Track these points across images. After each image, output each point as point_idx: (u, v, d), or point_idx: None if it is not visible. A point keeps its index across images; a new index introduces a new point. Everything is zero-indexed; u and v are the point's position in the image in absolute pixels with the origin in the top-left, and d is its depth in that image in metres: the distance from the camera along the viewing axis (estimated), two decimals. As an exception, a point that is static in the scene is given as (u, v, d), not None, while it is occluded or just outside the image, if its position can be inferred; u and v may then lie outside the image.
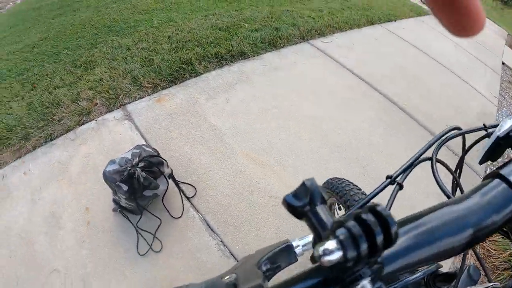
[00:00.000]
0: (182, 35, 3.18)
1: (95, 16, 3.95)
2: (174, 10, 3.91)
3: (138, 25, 3.51)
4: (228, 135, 2.17)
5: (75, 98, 2.45)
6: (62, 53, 3.16)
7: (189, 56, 2.78)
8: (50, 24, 4.15)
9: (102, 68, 2.74)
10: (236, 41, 3.08)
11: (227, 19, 3.59)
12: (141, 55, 2.86)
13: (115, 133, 2.14)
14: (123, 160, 1.58)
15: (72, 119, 2.30)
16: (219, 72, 2.73)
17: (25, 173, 1.98)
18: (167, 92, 2.48)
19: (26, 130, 2.24)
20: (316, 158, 2.12)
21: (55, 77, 2.77)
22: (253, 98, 2.50)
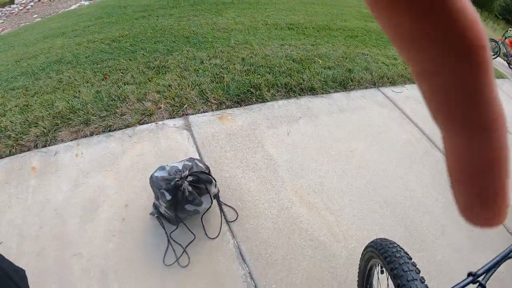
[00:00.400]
0: (255, 59, 3.45)
1: (176, 25, 4.43)
2: (252, 34, 4.26)
3: (215, 41, 3.88)
4: (282, 167, 2.29)
5: (141, 98, 2.75)
6: (138, 53, 3.57)
7: (259, 81, 3.01)
8: (133, 23, 4.71)
9: (173, 75, 3.05)
10: (307, 75, 3.26)
11: (302, 52, 3.83)
12: (213, 70, 3.15)
13: (172, 140, 2.35)
14: (173, 169, 1.74)
15: (134, 116, 2.58)
16: (285, 103, 2.91)
17: (76, 155, 2.27)
18: (231, 112, 2.69)
19: (88, 116, 2.59)
20: (364, 209, 2.14)
21: (127, 74, 3.13)
22: (314, 135, 2.62)
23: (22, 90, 3.06)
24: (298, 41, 4.22)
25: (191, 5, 5.68)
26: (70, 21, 5.57)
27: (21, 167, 2.19)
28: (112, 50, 3.75)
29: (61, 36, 4.65)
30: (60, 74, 3.27)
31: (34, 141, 2.39)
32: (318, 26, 5.06)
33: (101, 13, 5.62)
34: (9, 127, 2.49)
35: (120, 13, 5.45)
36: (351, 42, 4.67)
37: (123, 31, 4.36)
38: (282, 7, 6.02)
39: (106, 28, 4.67)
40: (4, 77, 3.47)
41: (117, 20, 5.04)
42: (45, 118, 2.56)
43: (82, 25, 5.06)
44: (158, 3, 5.96)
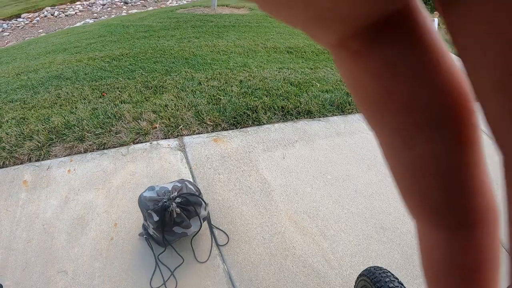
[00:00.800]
0: (253, 81, 3.49)
1: (176, 47, 4.52)
2: (251, 57, 4.33)
3: (214, 63, 3.94)
4: (277, 191, 2.28)
5: (137, 117, 2.77)
6: (137, 72, 3.62)
7: (256, 104, 3.03)
8: (134, 43, 4.80)
9: (170, 95, 3.08)
10: (305, 99, 3.30)
11: (300, 75, 3.88)
12: (210, 92, 3.19)
13: (165, 161, 2.35)
14: (162, 190, 1.75)
15: (128, 135, 2.59)
16: (282, 126, 2.93)
17: (69, 171, 2.30)
18: (226, 134, 2.70)
19: (83, 133, 2.62)
20: (360, 235, 2.12)
21: (124, 92, 3.16)
22: (310, 159, 2.62)
23: (20, 103, 3.10)
24: (296, 65, 4.28)
25: (192, 27, 5.80)
26: (73, 38, 5.67)
27: (12, 179, 2.22)
28: (111, 68, 3.80)
29: (62, 52, 4.72)
30: (58, 89, 3.32)
31: (28, 154, 2.41)
32: (317, 50, 5.14)
33: (104, 32, 5.73)
34: (4, 139, 2.53)
35: (122, 32, 5.55)
36: None
37: (124, 50, 4.43)
38: (282, 30, 6.14)
39: (107, 46, 4.75)
40: (4, 89, 3.52)
41: (119, 39, 5.13)
42: (40, 132, 2.59)
43: (84, 42, 5.14)
44: (160, 24, 6.09)
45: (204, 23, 6.16)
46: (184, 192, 1.75)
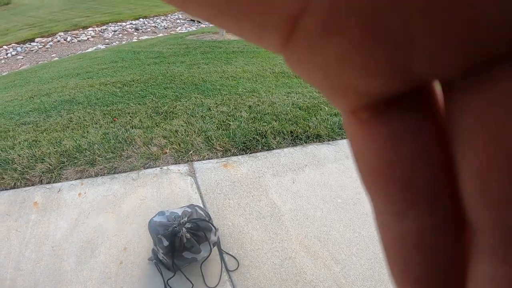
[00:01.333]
0: (262, 107, 3.55)
1: (186, 72, 4.64)
2: (260, 82, 4.41)
3: (223, 89, 4.03)
4: (287, 216, 2.28)
5: (148, 142, 2.82)
6: (148, 98, 3.71)
7: (265, 129, 3.08)
8: (145, 69, 4.93)
9: (180, 121, 3.15)
10: (314, 123, 3.34)
11: (308, 100, 3.94)
12: (220, 117, 3.25)
13: (175, 186, 2.38)
14: (172, 215, 1.77)
15: (139, 160, 2.64)
16: (291, 151, 2.96)
17: (79, 194, 2.34)
18: (236, 160, 2.74)
19: (94, 157, 2.68)
20: (371, 258, 2.10)
21: (135, 118, 3.23)
22: (321, 183, 2.63)
23: (33, 126, 3.20)
24: (304, 89, 4.35)
25: (201, 53, 5.96)
26: (85, 63, 5.84)
27: (23, 200, 2.26)
28: (122, 93, 3.90)
29: (75, 77, 4.87)
30: (70, 114, 3.41)
31: (39, 176, 2.47)
32: (325, 74, 5.22)
33: (115, 57, 5.90)
34: (17, 160, 2.60)
35: (133, 58, 5.71)
36: None
37: (135, 76, 4.56)
38: (290, 56, 6.25)
39: (118, 72, 4.88)
40: (17, 111, 3.64)
41: (130, 65, 5.28)
42: (52, 155, 2.66)
43: (96, 67, 5.30)
44: (170, 50, 6.27)
45: (213, 49, 6.33)
46: (194, 217, 1.77)
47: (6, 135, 3.06)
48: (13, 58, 9.73)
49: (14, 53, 9.99)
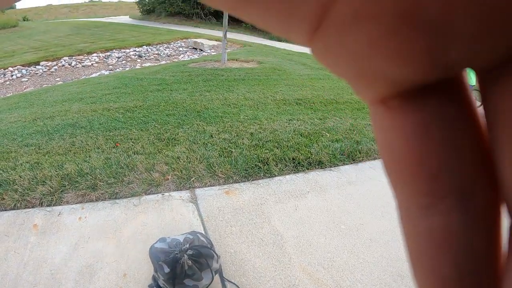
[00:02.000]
0: (264, 134, 3.59)
1: (188, 100, 4.71)
2: (261, 110, 4.47)
3: (225, 116, 4.08)
4: (290, 243, 2.26)
5: (150, 168, 2.83)
6: (150, 124, 3.75)
7: (267, 156, 3.10)
8: (147, 95, 5.01)
9: (183, 148, 3.17)
10: (315, 149, 3.37)
11: (309, 126, 3.98)
12: (222, 145, 3.28)
13: (177, 213, 2.37)
14: (173, 242, 1.76)
15: (141, 186, 2.64)
16: (293, 177, 2.97)
17: (80, 218, 2.33)
18: (238, 187, 2.74)
19: (95, 181, 2.69)
20: (377, 284, 2.06)
21: (138, 143, 3.25)
22: (323, 210, 2.63)
23: (35, 148, 3.23)
24: (306, 116, 4.40)
25: (204, 81, 6.07)
26: (89, 88, 5.93)
27: (23, 222, 2.26)
28: (125, 119, 3.94)
29: (78, 101, 4.93)
30: (73, 138, 3.44)
31: (39, 198, 2.48)
32: (326, 100, 5.32)
33: (119, 83, 5.99)
34: (18, 181, 2.62)
35: (136, 85, 5.81)
36: (358, 114, 4.87)
37: (138, 102, 4.62)
38: (291, 83, 6.38)
39: (121, 98, 4.95)
40: (20, 132, 3.68)
41: (133, 91, 5.36)
42: (53, 178, 2.68)
43: (100, 93, 5.38)
44: (173, 77, 6.39)
45: (215, 77, 6.46)
46: (196, 244, 1.75)
47: (8, 156, 3.08)
48: (18, 80, 9.85)
49: (19, 75, 10.13)
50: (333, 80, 7.19)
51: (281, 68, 7.96)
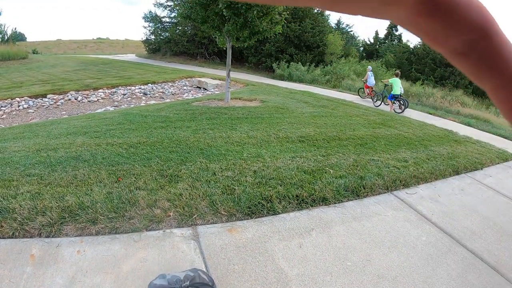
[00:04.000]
0: (267, 171, 3.61)
1: (192, 137, 4.80)
2: (264, 147, 4.53)
3: (228, 154, 4.15)
4: (294, 282, 2.22)
5: (151, 204, 2.84)
6: (153, 160, 3.78)
7: (270, 194, 3.10)
8: (151, 132, 5.08)
9: (185, 185, 3.19)
10: (319, 186, 3.38)
11: (313, 163, 4.02)
12: (225, 182, 3.31)
13: (178, 250, 2.34)
14: (174, 279, 1.73)
15: (142, 221, 2.62)
16: (297, 215, 2.97)
17: (78, 252, 2.30)
18: (241, 224, 2.74)
19: (96, 215, 2.68)
20: None
21: (140, 179, 3.26)
22: (328, 247, 2.60)
23: (37, 178, 3.25)
24: (309, 153, 4.45)
25: (207, 119, 6.18)
26: (94, 123, 6.02)
27: (20, 251, 2.23)
28: (128, 155, 3.98)
29: (83, 135, 5.00)
30: (76, 170, 3.47)
31: (38, 229, 2.47)
32: (328, 137, 5.39)
33: (123, 120, 6.10)
34: (17, 210, 2.61)
35: (141, 122, 5.91)
36: (361, 150, 4.92)
37: (141, 138, 4.68)
38: (294, 120, 6.49)
39: (125, 133, 5.02)
40: (23, 162, 3.72)
41: (137, 127, 5.44)
42: (53, 209, 2.67)
43: (104, 128, 5.46)
44: (176, 115, 6.51)
45: (218, 115, 6.59)
46: (197, 281, 1.72)
47: (9, 184, 3.10)
48: (24, 111, 10.03)
49: (26, 106, 10.33)
50: (336, 117, 7.32)
51: (284, 106, 8.12)
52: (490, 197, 4.04)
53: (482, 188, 4.27)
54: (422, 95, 15.39)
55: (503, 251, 2.87)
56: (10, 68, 18.54)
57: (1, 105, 10.34)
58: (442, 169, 4.53)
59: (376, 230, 2.89)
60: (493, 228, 3.24)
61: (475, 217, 3.43)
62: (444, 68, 21.13)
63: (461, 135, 7.22)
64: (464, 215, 3.42)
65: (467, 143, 6.47)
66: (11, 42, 25.73)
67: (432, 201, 3.59)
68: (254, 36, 7.60)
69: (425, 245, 2.80)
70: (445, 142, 6.25)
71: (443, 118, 10.14)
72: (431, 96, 15.12)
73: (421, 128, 7.33)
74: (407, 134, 6.47)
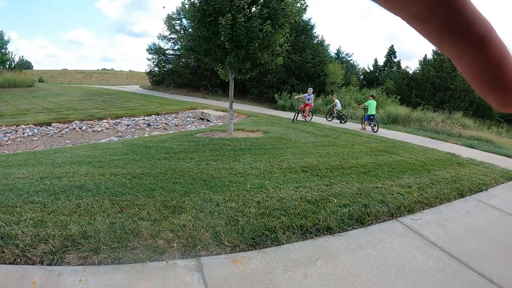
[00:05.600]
0: (271, 202, 3.62)
1: (195, 168, 4.87)
2: (268, 178, 4.56)
3: (231, 185, 4.19)
4: (300, 314, 2.17)
5: (155, 235, 2.84)
6: (157, 191, 3.82)
7: (274, 224, 3.11)
8: (155, 163, 5.14)
9: (189, 216, 3.21)
10: (323, 215, 3.39)
11: (316, 193, 4.04)
12: (228, 213, 3.33)
13: (181, 281, 2.35)
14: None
15: (145, 252, 2.62)
16: (301, 245, 2.96)
17: (80, 281, 2.29)
18: (245, 255, 2.73)
19: (99, 244, 2.68)
20: None
21: (143, 210, 3.28)
22: (334, 277, 2.58)
23: (40, 206, 3.28)
24: (312, 183, 4.47)
25: (210, 150, 6.26)
26: (98, 153, 6.09)
27: (21, 278, 2.23)
28: (132, 185, 4.01)
29: (87, 164, 5.05)
30: (79, 199, 3.50)
31: (40, 256, 2.46)
32: (331, 166, 5.42)
33: (127, 150, 6.17)
34: (20, 236, 2.63)
35: (144, 152, 5.98)
36: (364, 177, 4.94)
37: (145, 169, 4.73)
38: (296, 151, 6.54)
39: (129, 164, 5.07)
40: (27, 189, 3.76)
41: (141, 158, 5.50)
42: (56, 237, 2.68)
43: (108, 158, 5.52)
44: (180, 147, 6.60)
45: (221, 146, 6.68)
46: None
47: (12, 210, 3.12)
48: (29, 138, 10.19)
49: (31, 134, 10.49)
50: (338, 146, 7.38)
51: (286, 137, 8.21)
52: (496, 217, 4.05)
53: (488, 209, 4.27)
54: (423, 120, 15.56)
55: (511, 272, 2.85)
56: (17, 95, 18.94)
57: (6, 131, 10.51)
58: (447, 193, 4.55)
59: (382, 258, 2.87)
60: (501, 249, 3.23)
61: (482, 238, 3.42)
62: (444, 92, 21.42)
63: (464, 158, 7.27)
64: (471, 238, 3.41)
65: (470, 165, 6.51)
66: (18, 70, 26.42)
67: (438, 226, 3.59)
68: (256, 68, 7.82)
69: (433, 271, 2.78)
70: (448, 166, 6.30)
71: (445, 141, 10.24)
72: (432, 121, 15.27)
73: (424, 153, 7.40)
74: (410, 159, 6.52)
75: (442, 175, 5.50)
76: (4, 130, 10.54)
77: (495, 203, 4.49)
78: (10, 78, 21.97)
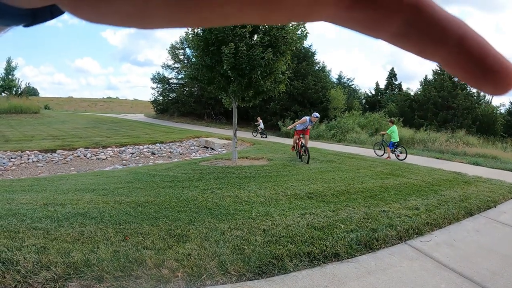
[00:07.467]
0: (277, 230, 3.58)
1: (200, 197, 4.86)
2: (273, 206, 4.53)
3: (236, 213, 4.17)
4: None
5: (159, 264, 2.81)
6: (161, 220, 3.80)
7: (280, 252, 3.05)
8: (159, 191, 5.14)
9: (194, 244, 3.18)
10: (330, 242, 3.33)
11: (323, 219, 3.99)
12: (234, 242, 3.29)
13: (185, 311, 2.25)
14: None
15: (149, 281, 2.59)
16: (309, 272, 2.89)
17: None
18: (252, 284, 2.67)
19: (102, 273, 2.63)
20: None
21: (148, 238, 3.25)
22: (343, 305, 2.47)
23: (43, 232, 3.25)
24: (318, 209, 4.43)
25: (215, 178, 6.26)
26: (102, 180, 6.09)
27: None
28: (136, 213, 3.99)
29: (91, 192, 5.05)
30: (82, 227, 3.48)
31: (42, 283, 2.42)
32: (337, 191, 5.38)
33: (131, 178, 6.18)
34: (22, 262, 2.59)
35: (149, 181, 5.98)
36: (371, 202, 4.88)
37: (149, 198, 4.73)
38: (301, 177, 6.51)
39: (133, 192, 5.07)
40: (30, 215, 3.75)
41: (145, 186, 5.50)
42: (58, 264, 2.64)
43: (112, 186, 5.53)
44: (184, 175, 6.61)
45: (226, 174, 6.68)
46: None
47: (15, 236, 3.10)
48: (34, 164, 10.26)
49: (35, 160, 10.57)
50: (343, 171, 7.34)
51: (291, 163, 8.20)
52: (506, 234, 3.99)
53: (498, 226, 4.21)
54: (427, 140, 15.56)
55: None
56: (22, 122, 19.22)
57: (11, 156, 10.59)
58: (455, 213, 4.49)
59: (393, 283, 2.80)
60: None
61: (494, 256, 3.35)
62: (446, 111, 21.50)
63: (470, 176, 7.21)
64: (483, 257, 3.34)
65: (477, 183, 6.45)
66: (24, 96, 26.87)
67: (448, 246, 3.52)
68: (259, 96, 7.92)
69: (446, 293, 2.71)
70: (455, 185, 6.25)
71: (450, 161, 10.19)
72: (436, 141, 15.24)
73: (430, 174, 7.35)
74: (416, 181, 6.48)
75: (449, 194, 5.45)
76: (9, 155, 10.66)
77: (504, 219, 4.44)
78: (17, 104, 22.39)
